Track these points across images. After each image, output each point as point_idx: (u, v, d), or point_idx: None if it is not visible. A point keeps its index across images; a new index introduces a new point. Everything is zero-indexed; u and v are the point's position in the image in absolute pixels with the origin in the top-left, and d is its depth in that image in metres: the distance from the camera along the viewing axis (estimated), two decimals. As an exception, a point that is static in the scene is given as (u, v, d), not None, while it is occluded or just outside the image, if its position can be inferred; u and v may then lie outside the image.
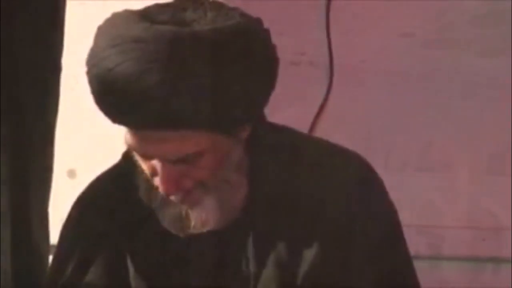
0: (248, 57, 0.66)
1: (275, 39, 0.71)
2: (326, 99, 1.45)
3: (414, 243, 0.93)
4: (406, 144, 1.67)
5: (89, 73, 0.68)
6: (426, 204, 1.65)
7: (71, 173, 1.46)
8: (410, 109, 1.68)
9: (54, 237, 1.00)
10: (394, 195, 0.81)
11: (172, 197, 0.71)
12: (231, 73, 0.65)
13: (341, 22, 1.60)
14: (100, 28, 0.70)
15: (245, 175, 0.74)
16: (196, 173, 0.70)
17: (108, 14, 0.71)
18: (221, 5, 0.69)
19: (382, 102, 1.66)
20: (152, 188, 0.73)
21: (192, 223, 0.73)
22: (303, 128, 1.24)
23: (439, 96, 1.71)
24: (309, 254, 0.71)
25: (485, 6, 1.74)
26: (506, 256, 1.66)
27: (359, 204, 0.75)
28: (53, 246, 0.97)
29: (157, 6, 0.71)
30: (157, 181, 0.70)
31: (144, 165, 0.72)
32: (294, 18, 1.57)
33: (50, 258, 0.89)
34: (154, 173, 0.71)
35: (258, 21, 0.70)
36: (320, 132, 1.53)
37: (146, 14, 0.68)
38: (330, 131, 1.54)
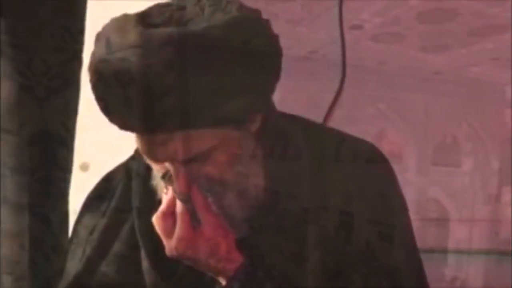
0: (247, 49, 0.66)
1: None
2: (338, 93, 1.45)
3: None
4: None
5: (91, 80, 0.67)
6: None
7: (84, 166, 1.45)
8: (360, 101, 1.70)
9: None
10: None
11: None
12: (231, 68, 0.64)
13: (291, 13, 1.60)
14: (98, 35, 0.69)
15: (260, 164, 0.73)
16: (211, 170, 0.69)
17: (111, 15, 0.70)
18: (219, 0, 0.68)
19: (333, 93, 1.67)
20: (165, 188, 0.73)
21: None
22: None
23: (387, 89, 1.74)
24: (323, 243, 0.71)
25: (430, 3, 1.78)
26: (452, 247, 1.70)
27: (376, 192, 0.75)
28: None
29: (157, 6, 0.70)
30: (175, 188, 0.70)
31: (156, 167, 0.71)
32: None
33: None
34: (164, 169, 0.70)
35: (257, 12, 0.70)
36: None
37: (143, 17, 0.68)
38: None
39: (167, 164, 0.70)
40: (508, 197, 1.75)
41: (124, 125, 0.68)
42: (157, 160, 0.70)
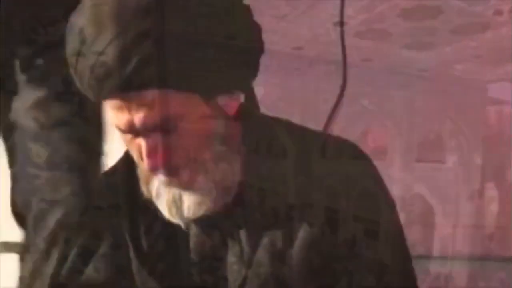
0: (216, 21, 0.66)
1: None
2: (340, 95, 1.44)
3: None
4: (342, 133, 1.67)
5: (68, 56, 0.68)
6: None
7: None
8: (345, 98, 1.70)
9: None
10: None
11: (161, 175, 0.69)
12: (193, 33, 0.64)
13: (276, 8, 1.59)
14: (71, 24, 0.69)
15: (239, 155, 0.72)
16: (179, 143, 0.68)
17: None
18: None
19: (318, 90, 1.67)
20: (149, 179, 0.72)
21: (186, 205, 0.71)
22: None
23: (372, 86, 1.75)
24: (309, 240, 0.71)
25: (414, 1, 1.79)
26: (437, 244, 1.71)
27: (360, 190, 0.75)
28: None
29: None
30: (145, 162, 0.69)
31: (132, 148, 0.70)
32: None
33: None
34: (141, 155, 0.70)
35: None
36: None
37: None
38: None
39: (139, 140, 0.69)
40: (491, 193, 1.76)
41: (93, 90, 0.67)
42: (129, 130, 0.69)
